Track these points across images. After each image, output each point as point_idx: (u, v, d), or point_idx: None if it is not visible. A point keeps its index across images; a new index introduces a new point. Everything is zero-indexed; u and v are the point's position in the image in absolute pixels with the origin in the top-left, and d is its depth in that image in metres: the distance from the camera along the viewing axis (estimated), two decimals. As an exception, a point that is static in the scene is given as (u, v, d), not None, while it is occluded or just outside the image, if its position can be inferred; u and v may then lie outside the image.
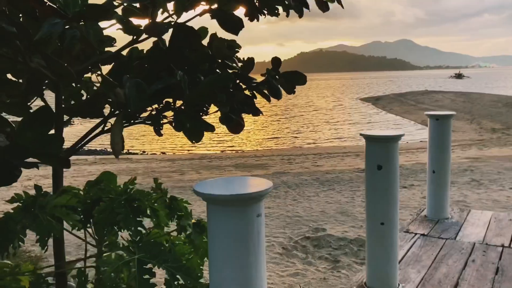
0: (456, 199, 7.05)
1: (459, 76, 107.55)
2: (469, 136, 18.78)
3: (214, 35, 2.09)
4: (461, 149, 13.71)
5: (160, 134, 1.75)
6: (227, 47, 2.12)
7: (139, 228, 1.56)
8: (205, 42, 1.98)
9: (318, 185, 8.69)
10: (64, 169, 1.83)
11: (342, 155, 14.39)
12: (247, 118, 2.07)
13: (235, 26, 1.82)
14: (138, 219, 1.58)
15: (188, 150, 19.12)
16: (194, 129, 1.88)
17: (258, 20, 2.02)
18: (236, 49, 2.17)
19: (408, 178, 8.91)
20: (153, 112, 1.73)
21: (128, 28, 1.94)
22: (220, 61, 2.13)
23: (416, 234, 4.12)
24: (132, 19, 1.88)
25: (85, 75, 2.10)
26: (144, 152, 19.62)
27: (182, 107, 1.82)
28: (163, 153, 19.19)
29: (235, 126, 2.01)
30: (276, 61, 2.15)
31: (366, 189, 2.87)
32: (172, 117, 1.73)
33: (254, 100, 2.13)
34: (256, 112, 2.06)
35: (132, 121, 1.68)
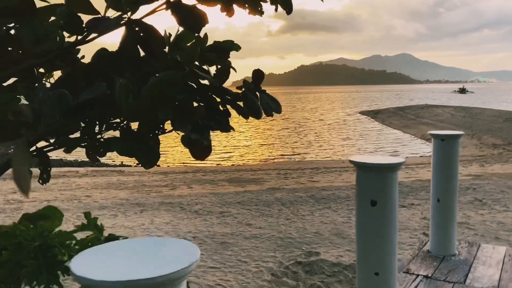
0: (459, 220, 6.63)
1: (462, 90, 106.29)
2: (469, 151, 18.40)
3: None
4: (462, 165, 13.32)
5: (96, 161, 1.37)
6: (217, 49, 1.73)
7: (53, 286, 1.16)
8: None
9: (314, 203, 8.28)
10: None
11: (340, 169, 13.96)
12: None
13: (195, 22, 1.42)
14: (54, 273, 1.19)
15: (184, 163, 18.70)
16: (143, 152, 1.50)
17: (230, 16, 1.64)
18: (234, 49, 1.76)
19: (407, 197, 8.50)
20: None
21: (69, 25, 1.58)
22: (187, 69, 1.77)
23: (418, 275, 3.55)
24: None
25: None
26: (138, 164, 19.15)
27: (127, 125, 1.44)
28: (158, 165, 18.71)
29: (200, 151, 1.62)
30: (257, 74, 1.74)
31: (356, 230, 2.34)
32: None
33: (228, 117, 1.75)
34: (226, 127, 1.67)
35: (48, 147, 1.29)
